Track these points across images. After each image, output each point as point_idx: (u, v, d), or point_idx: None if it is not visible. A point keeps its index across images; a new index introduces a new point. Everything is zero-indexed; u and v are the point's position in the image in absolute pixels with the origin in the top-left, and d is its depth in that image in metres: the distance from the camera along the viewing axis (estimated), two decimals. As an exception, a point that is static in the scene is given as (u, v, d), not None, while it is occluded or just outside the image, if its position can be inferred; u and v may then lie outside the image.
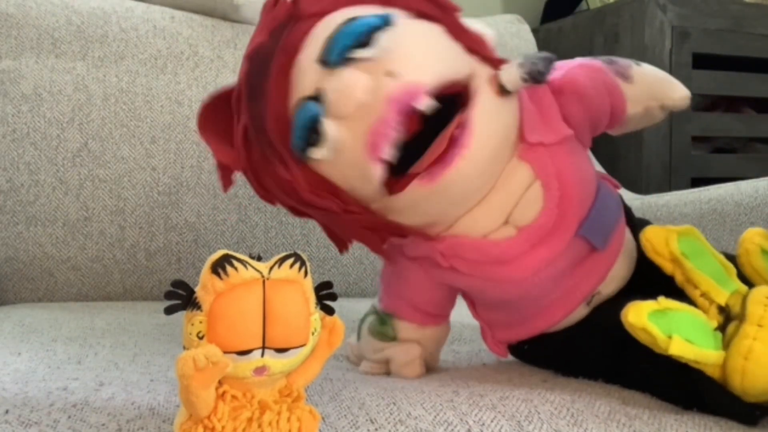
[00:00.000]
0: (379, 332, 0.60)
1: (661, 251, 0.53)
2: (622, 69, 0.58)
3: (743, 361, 0.47)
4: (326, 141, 0.49)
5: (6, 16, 1.00)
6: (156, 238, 0.98)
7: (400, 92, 0.47)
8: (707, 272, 0.52)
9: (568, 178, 0.53)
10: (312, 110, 0.49)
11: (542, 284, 0.55)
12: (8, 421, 0.43)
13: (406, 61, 0.48)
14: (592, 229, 0.54)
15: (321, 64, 0.49)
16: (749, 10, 1.56)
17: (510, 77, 0.50)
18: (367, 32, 0.48)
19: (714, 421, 0.50)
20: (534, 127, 0.53)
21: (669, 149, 1.47)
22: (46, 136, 0.96)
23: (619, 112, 0.58)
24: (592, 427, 0.47)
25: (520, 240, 0.53)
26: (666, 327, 0.48)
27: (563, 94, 0.55)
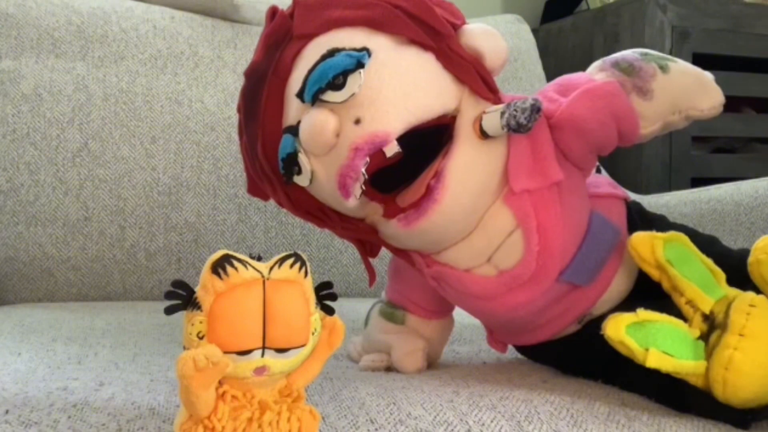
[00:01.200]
0: (389, 313, 0.63)
1: (647, 258, 0.52)
2: (643, 82, 0.54)
3: (724, 371, 0.47)
4: (305, 173, 0.50)
5: (6, 16, 1.00)
6: (156, 238, 0.98)
7: (364, 142, 0.48)
8: (693, 279, 0.51)
9: (550, 230, 0.51)
10: (290, 144, 0.50)
11: (525, 317, 0.56)
12: (8, 421, 0.43)
13: (373, 109, 0.48)
14: (575, 274, 0.54)
15: (299, 99, 0.50)
16: (749, 10, 1.56)
17: (491, 124, 0.50)
18: (340, 74, 0.48)
19: (713, 422, 0.50)
20: (521, 172, 0.51)
21: (669, 149, 1.47)
22: (46, 136, 0.96)
23: (630, 135, 0.55)
24: (592, 428, 0.47)
25: (499, 282, 0.53)
26: (643, 339, 0.48)
27: (561, 129, 0.53)
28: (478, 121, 0.50)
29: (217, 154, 1.03)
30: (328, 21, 0.51)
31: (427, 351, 0.60)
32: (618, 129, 0.54)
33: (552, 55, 1.58)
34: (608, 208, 0.57)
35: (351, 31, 0.50)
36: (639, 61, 0.55)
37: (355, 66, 0.48)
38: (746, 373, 0.47)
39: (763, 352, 0.47)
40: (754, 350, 0.47)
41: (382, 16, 0.50)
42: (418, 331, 0.61)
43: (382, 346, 0.61)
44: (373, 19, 0.50)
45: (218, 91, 1.06)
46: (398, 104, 0.48)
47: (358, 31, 0.50)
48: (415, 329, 0.61)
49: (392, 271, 0.64)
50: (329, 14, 0.51)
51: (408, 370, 0.58)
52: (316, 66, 0.49)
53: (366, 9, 0.51)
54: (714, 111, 0.56)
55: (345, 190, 0.49)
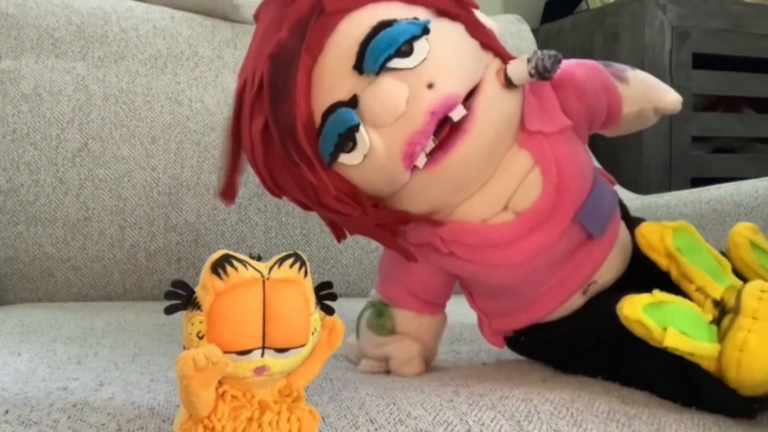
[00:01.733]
0: (377, 325, 0.61)
1: (656, 246, 0.54)
2: (618, 71, 0.60)
3: (738, 353, 0.47)
4: (360, 149, 0.49)
5: (6, 16, 1.00)
6: (156, 238, 0.98)
7: (440, 104, 0.49)
8: (702, 267, 0.52)
9: (565, 165, 0.54)
10: (349, 118, 0.49)
11: (538, 269, 0.56)
12: (8, 421, 0.43)
13: (444, 73, 0.50)
14: (588, 217, 0.55)
15: (356, 71, 0.49)
16: (749, 10, 1.56)
17: (517, 71, 0.52)
18: (407, 41, 0.49)
19: (713, 420, 0.50)
20: (534, 117, 0.55)
21: (669, 149, 1.47)
22: (46, 136, 0.96)
23: (616, 110, 0.59)
24: (592, 427, 0.47)
25: (517, 224, 0.54)
26: (661, 319, 0.48)
27: (562, 88, 0.56)
28: (501, 71, 0.52)
29: (217, 154, 1.03)
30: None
31: (423, 353, 0.60)
32: (607, 102, 0.58)
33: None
34: (604, 181, 0.61)
35: (388, 5, 0.51)
36: (609, 62, 0.61)
37: (422, 32, 0.49)
38: (761, 354, 0.47)
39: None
40: (767, 333, 0.47)
41: None
42: (409, 334, 0.60)
43: (378, 357, 0.60)
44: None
45: (218, 91, 1.06)
46: (462, 67, 0.51)
47: (394, 4, 0.51)
48: (407, 332, 0.60)
49: (387, 263, 0.62)
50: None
51: (408, 376, 0.58)
52: (373, 36, 0.49)
53: None
54: (675, 105, 0.61)
55: (410, 159, 0.50)
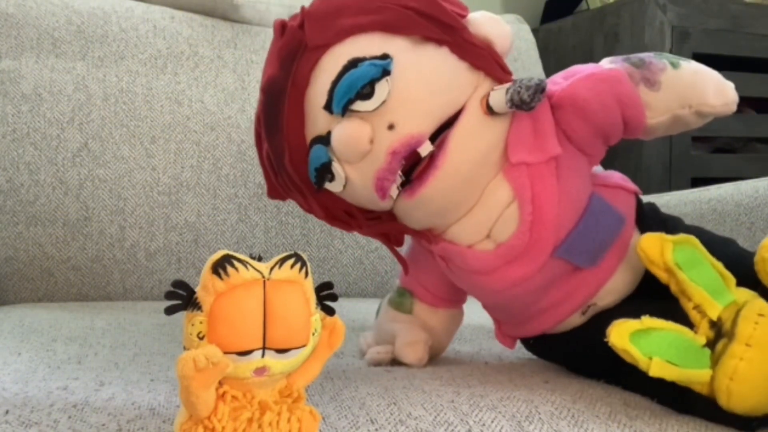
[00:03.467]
0: (398, 302, 0.64)
1: (656, 261, 0.52)
2: (651, 74, 0.55)
3: (728, 381, 0.46)
4: (339, 180, 0.52)
5: (6, 16, 1.00)
6: (156, 238, 0.98)
7: (401, 145, 0.50)
8: (702, 283, 0.50)
9: (543, 203, 0.52)
10: (323, 155, 0.52)
11: (523, 296, 0.56)
12: (8, 422, 0.43)
13: (405, 113, 0.50)
14: (571, 251, 0.54)
15: (327, 111, 0.51)
16: (749, 10, 1.56)
17: (497, 101, 0.51)
18: (367, 84, 0.49)
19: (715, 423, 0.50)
20: (520, 146, 0.53)
21: (669, 149, 1.47)
22: (46, 136, 0.96)
23: (636, 122, 0.55)
24: (593, 428, 0.47)
25: (495, 255, 0.54)
26: (647, 348, 0.47)
27: (562, 108, 0.54)
28: (485, 98, 0.52)
29: (217, 154, 1.03)
30: (342, 29, 0.52)
31: (430, 344, 0.61)
32: (623, 115, 0.55)
33: (552, 55, 1.58)
34: (614, 196, 0.57)
35: (367, 37, 0.52)
36: (650, 57, 0.56)
37: (381, 74, 0.49)
38: (751, 383, 0.46)
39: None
40: (760, 361, 0.46)
41: (395, 18, 0.52)
42: (425, 322, 0.62)
43: (388, 336, 0.62)
44: (386, 22, 0.52)
45: (218, 91, 1.06)
46: (427, 104, 0.51)
47: (373, 36, 0.52)
48: (423, 319, 0.62)
49: (408, 258, 0.64)
50: (342, 23, 0.52)
51: (408, 360, 0.59)
52: (341, 77, 0.50)
53: (378, 13, 0.52)
54: (726, 108, 0.56)
55: (382, 192, 0.52)
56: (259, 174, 1.04)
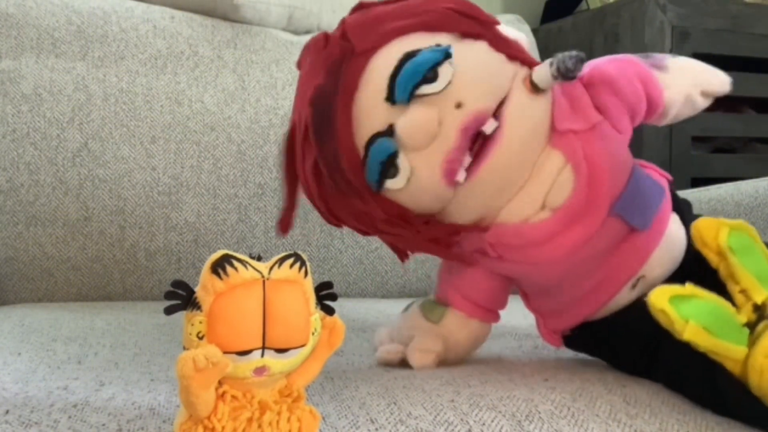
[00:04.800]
0: (429, 308, 0.64)
1: (710, 243, 0.53)
2: (657, 61, 0.61)
3: (763, 359, 0.46)
4: (403, 173, 0.53)
5: (6, 16, 1.00)
6: (156, 238, 0.98)
7: (471, 121, 0.52)
8: (752, 270, 0.51)
9: (597, 160, 0.55)
10: (388, 146, 0.53)
11: (580, 264, 0.57)
12: (8, 422, 0.43)
13: (470, 91, 0.52)
14: (626, 208, 0.56)
15: (389, 103, 0.52)
16: (749, 10, 1.56)
17: (541, 75, 0.54)
18: (431, 68, 0.51)
19: (716, 422, 0.50)
20: (564, 117, 0.56)
21: (669, 149, 1.47)
22: (46, 136, 0.96)
23: (656, 98, 0.60)
24: (593, 427, 0.47)
25: (554, 221, 0.55)
26: (686, 312, 0.48)
27: (594, 85, 0.58)
28: (527, 78, 0.54)
29: (217, 154, 1.03)
30: (387, 33, 0.54)
31: (443, 357, 0.61)
32: (645, 92, 0.59)
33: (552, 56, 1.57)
34: (645, 173, 0.60)
35: (413, 37, 0.54)
36: (650, 53, 0.62)
37: (444, 57, 0.52)
38: None
39: None
40: None
41: (437, 19, 0.55)
42: (451, 333, 0.62)
43: (405, 338, 0.62)
44: (428, 23, 0.55)
45: (218, 91, 1.06)
46: (487, 82, 0.53)
47: (418, 35, 0.54)
48: (450, 330, 0.62)
49: (444, 270, 0.65)
50: (385, 27, 0.54)
51: (415, 365, 0.59)
52: (401, 68, 0.52)
53: (419, 16, 0.55)
54: (724, 87, 0.62)
55: (451, 175, 0.53)
56: (259, 174, 1.04)
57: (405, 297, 1.08)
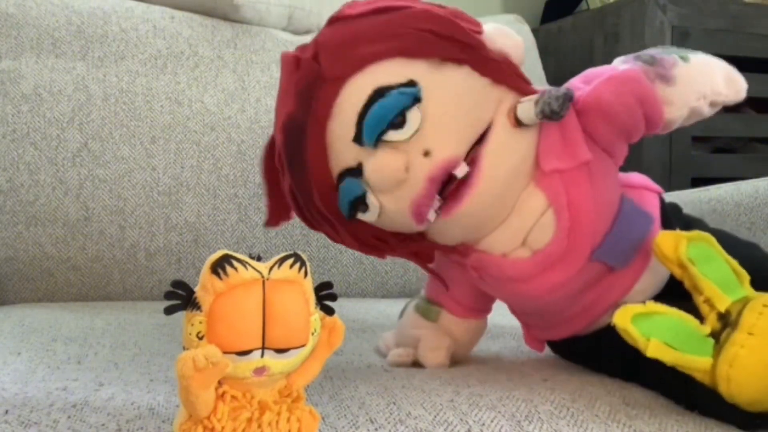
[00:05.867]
0: (424, 309, 0.64)
1: (670, 256, 0.53)
2: (665, 70, 0.56)
3: (728, 368, 0.47)
4: (373, 209, 0.52)
5: (6, 16, 1.00)
6: (156, 238, 0.98)
7: (438, 170, 0.50)
8: (714, 279, 0.51)
9: (580, 207, 0.53)
10: (356, 188, 0.51)
11: (559, 302, 0.57)
12: (8, 421, 0.43)
13: (439, 138, 0.50)
14: (607, 253, 0.55)
15: (357, 143, 0.50)
16: (749, 10, 1.56)
17: (525, 114, 0.51)
18: (399, 113, 0.49)
19: (715, 422, 0.50)
20: (551, 154, 0.53)
21: (669, 149, 1.47)
22: (46, 136, 0.96)
23: (656, 119, 0.56)
24: (593, 427, 0.47)
25: (533, 263, 0.54)
26: (647, 330, 0.49)
27: (587, 114, 0.54)
28: (512, 110, 0.52)
29: (217, 154, 1.03)
30: (360, 58, 0.51)
31: (452, 350, 0.61)
32: (644, 113, 0.55)
33: (552, 55, 1.58)
34: (640, 197, 0.59)
35: (387, 64, 0.51)
36: (659, 54, 0.57)
37: (412, 102, 0.49)
38: (750, 370, 0.47)
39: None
40: (760, 349, 0.47)
41: (414, 42, 0.51)
42: (449, 330, 0.62)
43: (411, 341, 0.62)
44: (405, 47, 0.51)
45: (218, 91, 1.06)
46: (459, 126, 0.51)
47: (393, 62, 0.51)
48: (448, 327, 0.62)
49: (435, 270, 0.64)
50: (359, 52, 0.51)
51: (430, 365, 0.60)
52: (368, 108, 0.49)
53: (395, 39, 0.51)
54: (738, 96, 0.59)
55: (420, 217, 0.52)
56: (259, 174, 1.04)
57: (405, 297, 1.08)
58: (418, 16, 0.52)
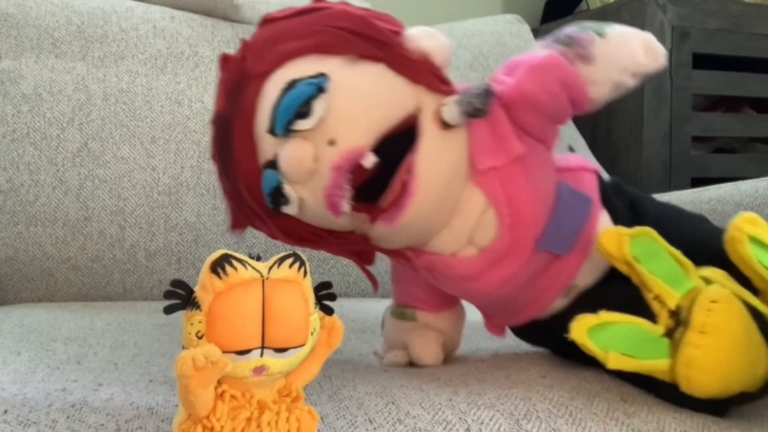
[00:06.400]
0: (400, 313, 0.65)
1: (615, 254, 0.54)
2: (583, 50, 0.57)
3: (686, 369, 0.48)
4: (294, 201, 0.52)
5: (6, 16, 1.00)
6: (156, 238, 0.98)
7: (342, 159, 0.50)
8: (660, 274, 0.52)
9: (519, 201, 0.54)
10: (273, 179, 0.52)
11: (511, 294, 0.58)
12: (7, 421, 0.43)
13: (344, 127, 0.51)
14: (551, 242, 0.56)
15: (271, 134, 0.51)
16: (749, 10, 1.56)
17: (450, 115, 0.52)
18: (304, 102, 0.50)
19: (713, 420, 0.50)
20: (484, 152, 0.54)
21: (669, 149, 1.47)
22: (46, 136, 0.96)
23: (581, 100, 0.57)
24: (591, 426, 0.47)
25: (481, 260, 0.55)
26: (604, 342, 0.50)
27: (514, 107, 0.56)
28: (437, 114, 0.53)
29: (217, 154, 1.03)
30: (280, 55, 0.53)
31: (441, 341, 0.62)
32: (569, 97, 0.56)
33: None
34: (578, 179, 0.59)
35: (303, 61, 0.53)
36: (576, 32, 0.58)
37: (317, 91, 0.50)
38: (708, 370, 0.48)
39: (724, 348, 0.48)
40: (715, 348, 0.48)
41: (329, 39, 0.53)
42: (431, 326, 0.63)
43: (400, 345, 0.63)
44: (321, 44, 0.53)
45: (218, 91, 1.06)
46: (364, 118, 0.51)
47: (309, 59, 0.53)
48: (428, 324, 0.63)
49: (394, 275, 0.66)
50: (279, 49, 0.53)
51: (427, 362, 0.60)
52: (280, 100, 0.51)
53: (313, 37, 0.53)
54: (657, 64, 0.58)
55: (334, 208, 0.52)
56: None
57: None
58: (335, 15, 0.54)
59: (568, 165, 0.60)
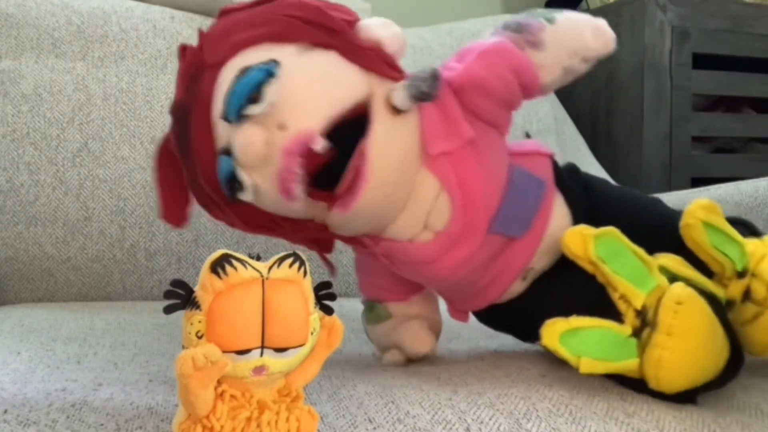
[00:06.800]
0: (373, 317, 0.65)
1: (580, 254, 0.55)
2: (533, 36, 0.58)
3: (655, 369, 0.50)
4: (248, 188, 0.53)
5: (6, 16, 1.00)
6: (156, 238, 0.98)
7: (292, 143, 0.51)
8: (625, 274, 0.53)
9: (471, 185, 0.55)
10: (228, 165, 0.52)
11: (468, 276, 0.58)
12: (7, 421, 0.43)
13: (293, 111, 0.51)
14: (504, 224, 0.57)
15: (225, 121, 0.52)
16: (749, 10, 1.56)
17: (399, 99, 0.53)
18: (255, 88, 0.50)
19: (712, 418, 0.50)
20: (435, 137, 0.55)
21: (669, 149, 1.47)
22: (46, 136, 0.96)
23: (532, 85, 0.58)
24: (591, 425, 0.47)
25: (436, 244, 0.56)
26: (576, 348, 0.51)
27: (464, 91, 0.56)
28: (388, 99, 0.53)
29: (217, 154, 1.03)
30: (235, 45, 0.54)
31: (427, 325, 0.63)
32: (519, 82, 0.57)
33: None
34: (532, 163, 0.60)
35: (257, 49, 0.53)
36: (526, 19, 0.59)
37: (267, 77, 0.51)
38: (676, 369, 0.50)
39: (690, 349, 0.50)
40: (682, 348, 0.50)
41: (282, 28, 0.54)
42: (408, 315, 0.64)
43: (391, 345, 0.63)
44: (274, 33, 0.54)
45: (218, 91, 1.06)
46: (315, 102, 0.52)
47: (263, 47, 0.53)
48: (404, 314, 0.64)
49: (358, 269, 0.67)
50: (234, 39, 0.54)
51: (424, 352, 0.61)
52: (232, 86, 0.51)
53: (266, 26, 0.54)
54: (607, 48, 0.59)
55: (287, 193, 0.52)
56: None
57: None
58: (289, 5, 0.55)
59: (523, 149, 0.61)
